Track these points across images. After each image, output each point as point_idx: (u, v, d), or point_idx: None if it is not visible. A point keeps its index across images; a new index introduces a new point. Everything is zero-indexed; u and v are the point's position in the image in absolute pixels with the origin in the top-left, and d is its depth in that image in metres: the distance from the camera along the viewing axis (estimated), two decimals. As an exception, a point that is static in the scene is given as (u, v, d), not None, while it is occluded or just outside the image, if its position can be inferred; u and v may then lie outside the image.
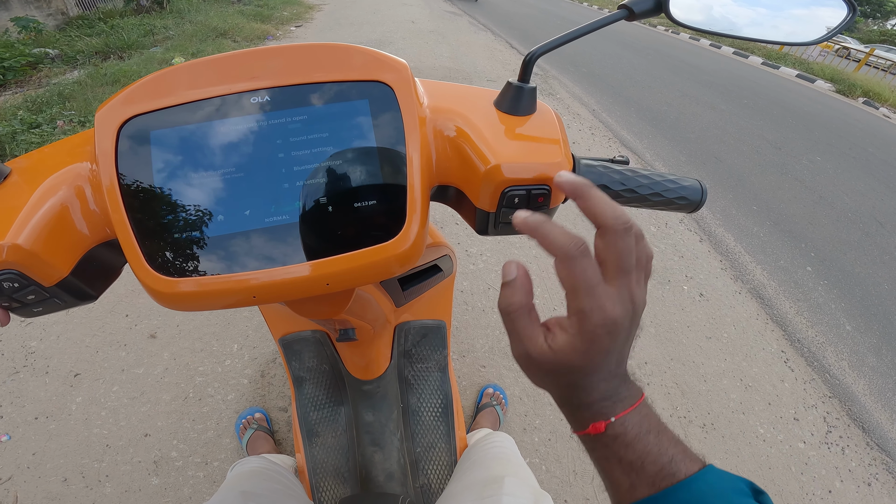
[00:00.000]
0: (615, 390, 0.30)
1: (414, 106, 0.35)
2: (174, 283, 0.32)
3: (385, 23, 7.04)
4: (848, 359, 2.05)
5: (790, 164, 3.94)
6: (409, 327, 0.85)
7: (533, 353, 0.30)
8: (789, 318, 2.20)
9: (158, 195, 0.32)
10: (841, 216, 3.21)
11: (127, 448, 1.30)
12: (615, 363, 0.30)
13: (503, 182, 0.36)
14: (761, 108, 5.63)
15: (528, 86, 0.39)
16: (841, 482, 1.54)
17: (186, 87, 0.33)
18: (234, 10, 6.84)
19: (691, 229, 2.71)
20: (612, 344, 0.28)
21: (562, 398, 0.32)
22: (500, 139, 0.37)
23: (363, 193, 0.33)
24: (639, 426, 0.30)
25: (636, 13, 0.39)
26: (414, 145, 0.34)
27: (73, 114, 2.99)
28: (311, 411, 0.85)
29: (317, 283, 0.33)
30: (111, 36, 4.92)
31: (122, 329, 1.63)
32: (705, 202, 0.43)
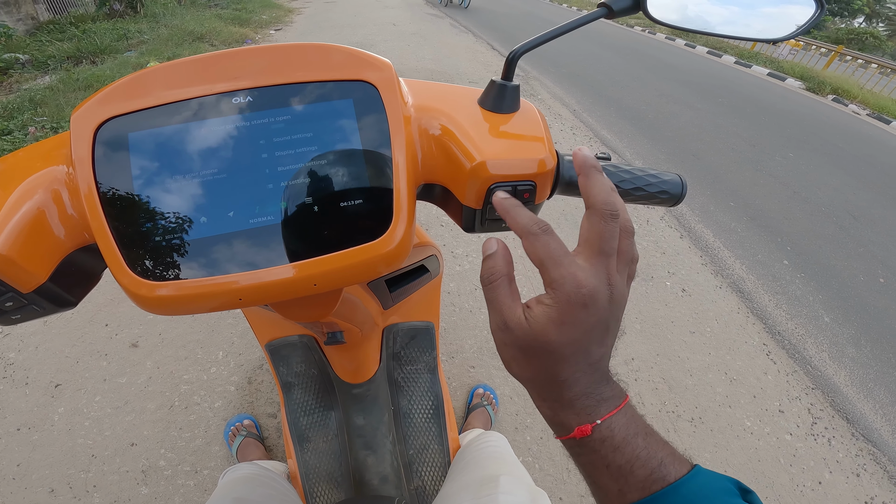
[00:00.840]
0: (597, 388, 0.30)
1: (398, 105, 0.35)
2: (157, 286, 0.31)
3: (366, 25, 7.02)
4: (828, 350, 2.11)
5: (765, 160, 4.04)
6: (397, 329, 0.85)
7: (510, 323, 0.30)
8: (769, 311, 2.26)
9: (138, 198, 0.31)
10: (815, 210, 3.31)
11: (113, 458, 1.29)
12: (597, 354, 0.30)
13: (489, 179, 0.36)
14: (736, 106, 5.77)
15: (511, 84, 0.40)
16: (830, 473, 1.58)
17: (165, 88, 0.32)
18: (211, 14, 6.73)
19: (672, 226, 2.76)
20: (588, 321, 0.28)
21: (542, 393, 0.31)
22: (484, 136, 0.37)
23: (349, 193, 0.33)
24: (626, 429, 0.29)
25: (615, 11, 0.40)
26: (399, 144, 0.34)
27: (45, 119, 2.92)
28: (301, 416, 0.84)
29: (304, 283, 0.33)
30: (83, 40, 4.79)
31: (103, 339, 1.60)
32: (685, 196, 0.44)
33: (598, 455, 0.29)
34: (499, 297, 0.31)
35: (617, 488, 0.29)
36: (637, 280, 2.25)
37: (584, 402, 0.30)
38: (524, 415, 1.54)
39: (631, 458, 0.28)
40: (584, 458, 0.30)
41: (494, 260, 0.31)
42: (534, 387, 0.32)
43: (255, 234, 0.32)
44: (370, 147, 0.34)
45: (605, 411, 0.29)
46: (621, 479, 0.29)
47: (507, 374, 1.64)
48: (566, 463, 1.42)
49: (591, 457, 0.30)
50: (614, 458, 0.29)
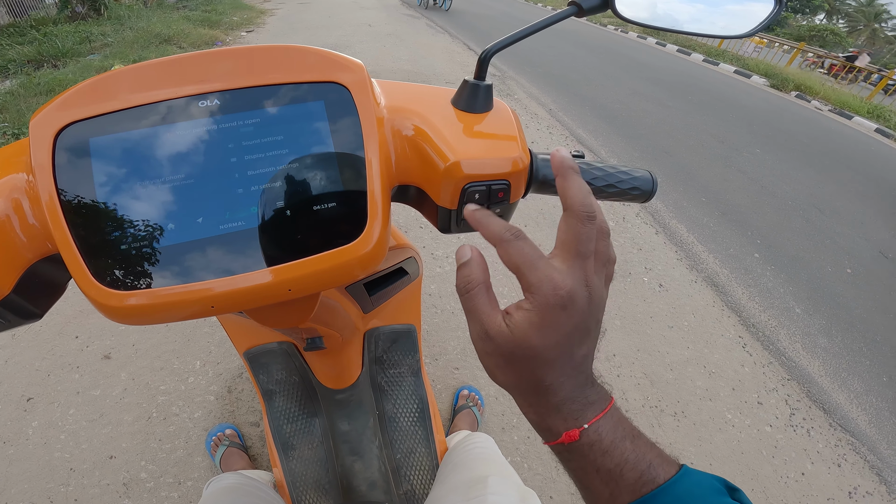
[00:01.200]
0: (582, 391, 0.30)
1: (371, 106, 0.34)
2: (124, 296, 0.30)
3: (342, 26, 6.95)
4: (801, 341, 2.17)
5: (733, 156, 4.17)
6: (378, 333, 0.84)
7: (491, 332, 0.29)
8: (742, 303, 2.32)
9: (102, 206, 0.30)
10: (782, 204, 3.43)
11: (92, 471, 1.26)
12: (580, 357, 0.30)
13: (463, 179, 0.36)
14: (705, 103, 5.94)
15: (484, 83, 0.40)
16: (812, 464, 1.62)
17: (129, 91, 0.31)
18: (180, 16, 6.57)
19: (647, 222, 2.82)
20: (569, 323, 0.28)
21: (528, 399, 0.31)
22: (458, 136, 0.37)
23: (322, 196, 0.32)
24: (614, 432, 0.29)
25: (585, 9, 0.40)
26: (372, 146, 0.34)
27: (6, 126, 2.80)
28: (284, 424, 0.82)
29: (278, 288, 0.32)
30: (44, 44, 4.62)
31: (74, 351, 1.55)
32: (656, 192, 0.45)
33: (587, 459, 0.29)
34: (477, 305, 0.30)
35: (608, 492, 0.29)
36: (615, 277, 2.28)
37: (570, 407, 0.30)
38: (510, 415, 1.54)
39: (620, 461, 0.29)
40: (574, 462, 0.30)
41: (470, 268, 0.31)
42: (519, 393, 0.31)
43: (227, 240, 0.31)
44: (343, 149, 0.33)
45: (591, 415, 0.29)
46: (612, 483, 0.29)
47: (491, 375, 1.66)
48: (555, 461, 1.42)
49: (580, 461, 0.30)
50: (603, 461, 0.29)
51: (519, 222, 2.44)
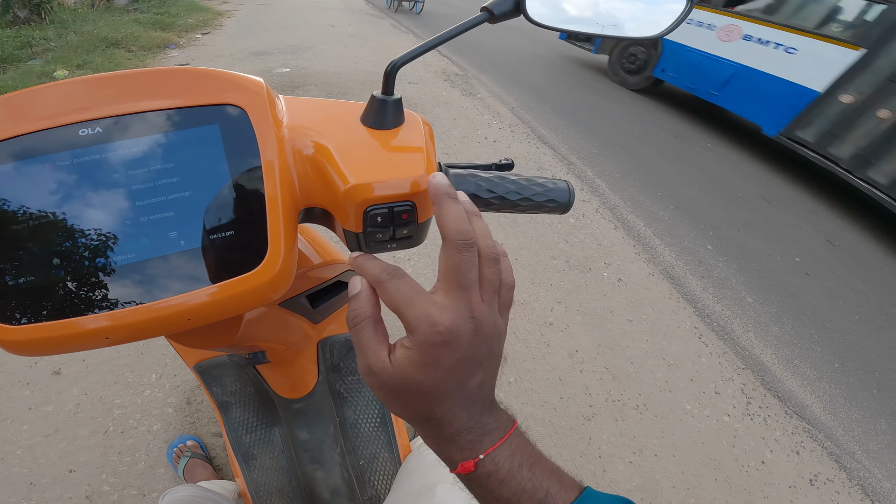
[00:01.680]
0: (479, 420, 0.30)
1: (270, 127, 0.33)
2: (14, 331, 0.29)
3: (303, 28, 6.81)
4: (753, 330, 2.24)
5: (687, 151, 4.32)
6: (332, 342, 0.83)
7: (374, 367, 0.29)
8: (697, 294, 2.40)
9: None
10: (733, 196, 3.57)
11: (53, 485, 1.26)
12: (472, 388, 0.29)
13: (364, 202, 0.35)
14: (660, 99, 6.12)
15: (392, 98, 0.38)
16: (771, 452, 1.67)
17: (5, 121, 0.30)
18: (129, 19, 6.31)
19: (606, 218, 2.89)
20: (452, 358, 0.28)
21: (423, 430, 0.31)
22: (361, 156, 0.36)
23: (219, 224, 0.32)
24: (510, 461, 0.29)
25: (496, 15, 0.40)
26: (271, 169, 0.32)
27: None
28: (243, 435, 0.81)
29: (175, 319, 0.31)
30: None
31: (22, 367, 1.53)
32: (573, 203, 0.45)
33: (485, 489, 0.29)
34: (363, 339, 0.30)
35: None
36: (576, 272, 2.34)
37: (466, 437, 0.29)
38: (472, 416, 1.55)
39: (518, 490, 0.28)
40: (475, 491, 0.30)
41: (359, 301, 0.31)
42: (414, 425, 0.31)
43: (120, 273, 0.30)
44: (239, 175, 0.32)
45: (488, 444, 0.29)
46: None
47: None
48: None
49: (480, 491, 0.30)
50: (501, 492, 0.29)
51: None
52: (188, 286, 0.31)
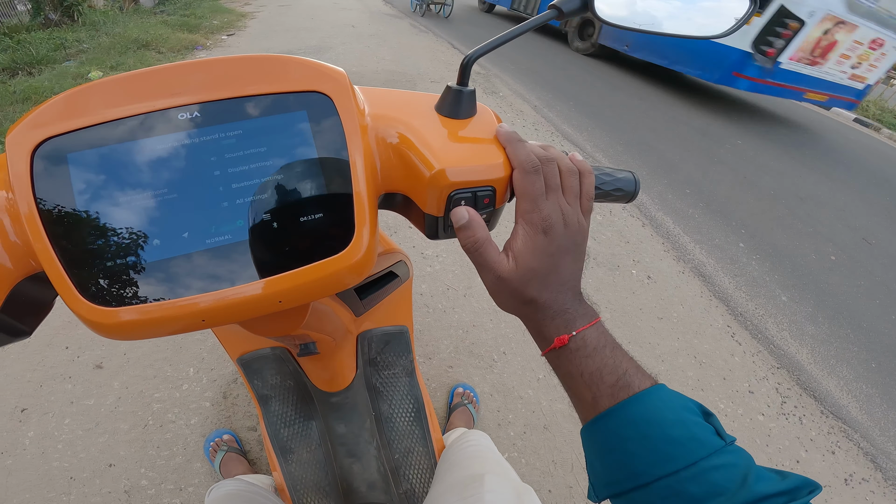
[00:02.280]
0: (572, 304, 0.36)
1: (354, 115, 0.34)
2: (112, 313, 0.29)
3: (323, 28, 6.89)
4: (788, 329, 2.19)
5: (715, 148, 4.24)
6: (371, 335, 0.84)
7: (504, 274, 0.35)
8: (729, 292, 2.35)
9: (84, 222, 0.29)
10: (764, 194, 3.49)
11: (92, 479, 1.26)
12: (566, 274, 0.36)
13: (448, 186, 0.36)
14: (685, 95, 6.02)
15: (467, 89, 0.40)
16: (806, 452, 1.63)
17: (105, 105, 0.31)
18: (157, 21, 6.46)
19: (633, 215, 2.85)
20: (552, 245, 0.35)
21: (529, 317, 0.37)
22: (442, 143, 0.37)
23: (308, 207, 0.32)
24: (597, 340, 0.34)
25: (565, 13, 0.41)
26: (357, 155, 0.33)
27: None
28: (281, 428, 0.82)
29: (268, 301, 0.32)
30: (18, 51, 4.50)
31: (64, 361, 1.54)
32: (639, 192, 0.46)
33: (573, 364, 0.34)
34: (487, 257, 0.36)
35: (591, 396, 0.33)
36: (604, 269, 2.31)
37: (563, 318, 0.35)
38: (506, 411, 1.55)
39: (601, 364, 0.33)
40: (563, 368, 0.35)
41: (471, 228, 0.36)
42: (524, 314, 0.37)
43: (214, 254, 0.31)
44: (327, 159, 0.33)
45: (580, 324, 0.35)
46: (593, 386, 0.33)
47: (486, 371, 1.67)
48: (551, 456, 1.44)
49: (568, 367, 0.35)
50: (587, 365, 0.33)
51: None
52: (280, 268, 0.32)
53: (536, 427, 1.51)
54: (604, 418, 0.32)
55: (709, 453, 0.29)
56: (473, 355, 1.73)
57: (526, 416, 1.54)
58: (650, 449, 0.30)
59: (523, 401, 1.60)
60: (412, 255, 2.18)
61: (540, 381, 1.70)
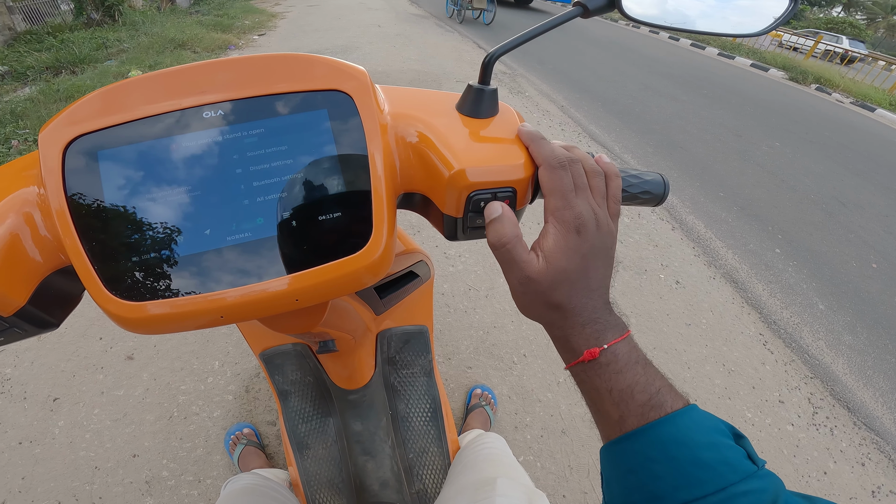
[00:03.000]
0: (601, 314, 0.34)
1: (374, 113, 0.34)
2: (135, 307, 0.30)
3: (350, 28, 6.98)
4: (825, 338, 2.10)
5: (751, 150, 4.08)
6: (390, 334, 0.84)
7: (532, 275, 0.33)
8: (763, 300, 2.26)
9: (111, 218, 0.30)
10: (803, 198, 3.35)
11: (116, 469, 1.29)
12: (596, 281, 0.34)
13: (468, 187, 0.35)
14: (720, 97, 5.83)
15: (488, 88, 0.39)
16: (834, 463, 1.57)
17: (133, 103, 0.31)
18: (193, 21, 6.67)
19: (663, 218, 2.77)
20: (584, 245, 0.33)
21: (555, 324, 0.35)
22: (462, 143, 0.36)
23: (327, 206, 0.32)
24: (628, 355, 0.32)
25: (590, 10, 0.40)
26: (376, 154, 0.33)
27: (27, 132, 2.87)
28: (299, 424, 0.83)
29: (285, 299, 0.32)
30: (61, 51, 4.73)
31: (98, 352, 1.59)
32: (668, 196, 0.44)
33: (602, 379, 0.32)
34: (516, 255, 0.33)
35: (618, 414, 0.31)
36: (630, 273, 2.25)
37: (592, 328, 0.33)
38: (523, 413, 1.53)
39: (632, 382, 0.31)
40: (590, 383, 0.33)
41: (502, 223, 0.34)
42: (551, 321, 0.35)
43: (234, 252, 0.31)
44: (346, 158, 0.33)
45: (611, 337, 0.32)
46: (622, 404, 0.31)
47: (505, 373, 1.64)
48: (567, 461, 1.41)
49: (595, 381, 0.32)
50: (617, 381, 0.31)
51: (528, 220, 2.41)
52: (297, 266, 0.32)
53: (554, 431, 1.49)
54: (630, 438, 0.30)
55: (739, 479, 0.27)
56: (493, 357, 1.71)
57: (544, 420, 1.52)
58: (677, 472, 0.28)
59: (542, 404, 1.57)
60: (435, 255, 2.17)
61: (560, 384, 1.66)
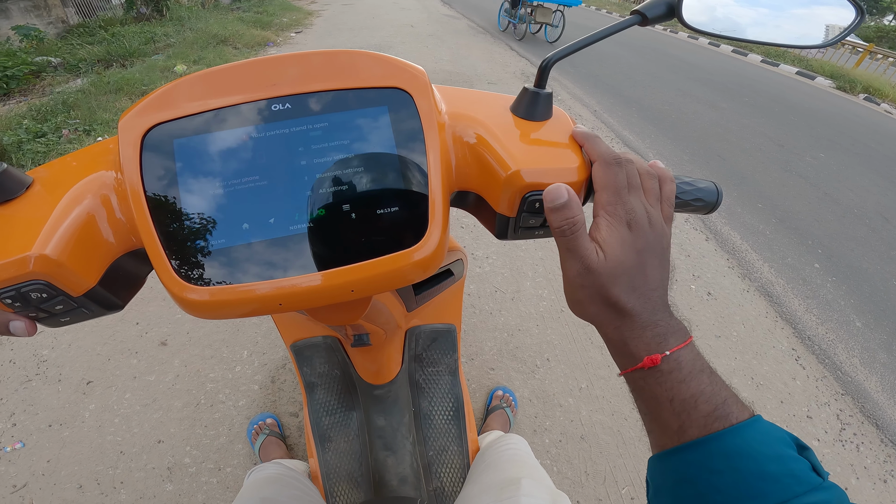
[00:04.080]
0: (662, 317, 0.32)
1: (433, 112, 0.35)
2: (201, 291, 0.31)
3: (384, 27, 7.07)
4: (859, 355, 2.04)
5: (793, 161, 3.93)
6: (419, 331, 0.85)
7: (592, 266, 0.32)
8: (799, 315, 2.19)
9: (183, 204, 0.32)
10: (846, 212, 3.20)
11: (141, 455, 1.31)
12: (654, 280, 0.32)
13: (524, 187, 0.36)
14: (762, 105, 5.62)
15: (544, 91, 0.39)
16: (857, 479, 1.53)
17: (208, 95, 0.33)
18: (234, 17, 6.88)
19: (697, 228, 2.70)
20: (639, 239, 0.32)
21: (611, 324, 0.33)
22: (518, 145, 0.37)
23: (385, 200, 0.33)
24: (692, 364, 0.30)
25: (649, 18, 0.40)
26: (434, 151, 0.34)
27: (77, 122, 3.00)
28: (323, 416, 0.84)
29: (341, 289, 0.33)
30: (112, 44, 4.94)
31: (133, 337, 1.64)
32: (721, 204, 0.44)
33: (663, 388, 0.30)
34: (580, 244, 0.32)
35: (678, 424, 0.29)
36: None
37: (653, 331, 0.31)
38: (543, 417, 1.52)
39: (696, 392, 0.29)
40: (649, 391, 0.31)
41: (570, 209, 0.32)
42: (607, 320, 0.33)
43: (295, 241, 0.32)
44: (405, 154, 0.34)
45: (673, 343, 0.31)
46: (683, 414, 0.29)
47: (527, 377, 1.64)
48: (584, 467, 1.40)
49: (655, 390, 0.30)
50: (679, 391, 0.29)
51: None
52: (354, 258, 0.33)
53: (573, 436, 1.48)
54: (690, 448, 0.29)
55: (804, 490, 0.26)
56: (516, 359, 1.71)
57: (563, 425, 1.50)
58: (740, 484, 0.27)
59: (563, 409, 1.56)
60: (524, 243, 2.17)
61: (582, 390, 1.65)
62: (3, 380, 1.47)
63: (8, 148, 2.55)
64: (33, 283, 0.30)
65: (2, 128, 2.77)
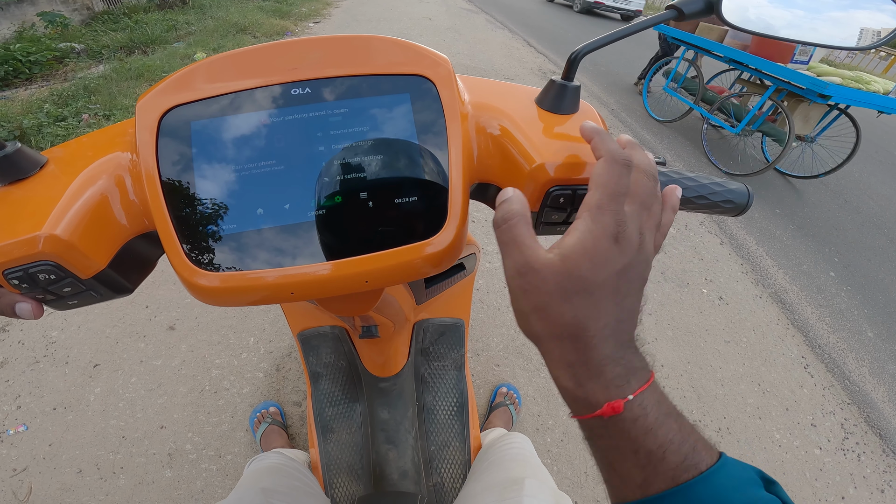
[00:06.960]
0: (625, 354, 0.27)
1: (455, 101, 0.34)
2: (212, 277, 0.31)
3: (402, 20, 7.03)
4: (869, 366, 2.01)
5: (814, 166, 3.84)
6: (427, 325, 0.85)
7: (534, 263, 0.27)
8: (811, 323, 2.15)
9: (198, 187, 0.31)
10: (866, 221, 3.13)
11: (142, 440, 1.30)
12: (626, 309, 0.27)
13: (548, 181, 0.35)
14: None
15: (571, 84, 0.38)
16: (854, 488, 1.53)
17: (227, 78, 0.33)
18: (254, 6, 6.90)
19: (712, 231, 2.66)
20: (619, 259, 0.27)
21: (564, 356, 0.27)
22: (543, 137, 0.36)
23: (404, 189, 0.32)
24: (658, 408, 0.26)
25: (686, 14, 0.38)
26: (455, 141, 0.33)
27: (97, 107, 3.05)
28: (326, 407, 0.84)
29: (355, 280, 0.32)
30: (135, 31, 4.99)
31: (142, 320, 1.64)
32: (751, 206, 0.42)
33: (626, 438, 0.26)
34: (517, 236, 0.28)
35: (641, 477, 0.26)
36: (672, 285, 2.19)
37: (613, 371, 0.26)
38: (546, 416, 1.52)
39: (664, 442, 0.25)
40: (608, 441, 0.27)
41: (510, 203, 0.29)
42: (556, 346, 0.28)
43: (310, 228, 0.32)
44: (426, 143, 0.33)
45: (636, 385, 0.26)
46: (649, 467, 0.26)
47: (532, 374, 1.64)
48: (584, 468, 1.39)
49: (616, 440, 0.26)
50: (645, 442, 0.25)
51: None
52: (370, 248, 0.32)
53: (575, 437, 1.47)
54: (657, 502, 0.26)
55: None
56: (522, 357, 1.71)
57: (566, 425, 1.50)
58: None
59: (566, 409, 1.54)
60: None
61: (588, 391, 1.64)
62: (12, 361, 1.47)
63: (28, 130, 2.59)
64: (42, 263, 0.29)
65: (23, 111, 2.82)
